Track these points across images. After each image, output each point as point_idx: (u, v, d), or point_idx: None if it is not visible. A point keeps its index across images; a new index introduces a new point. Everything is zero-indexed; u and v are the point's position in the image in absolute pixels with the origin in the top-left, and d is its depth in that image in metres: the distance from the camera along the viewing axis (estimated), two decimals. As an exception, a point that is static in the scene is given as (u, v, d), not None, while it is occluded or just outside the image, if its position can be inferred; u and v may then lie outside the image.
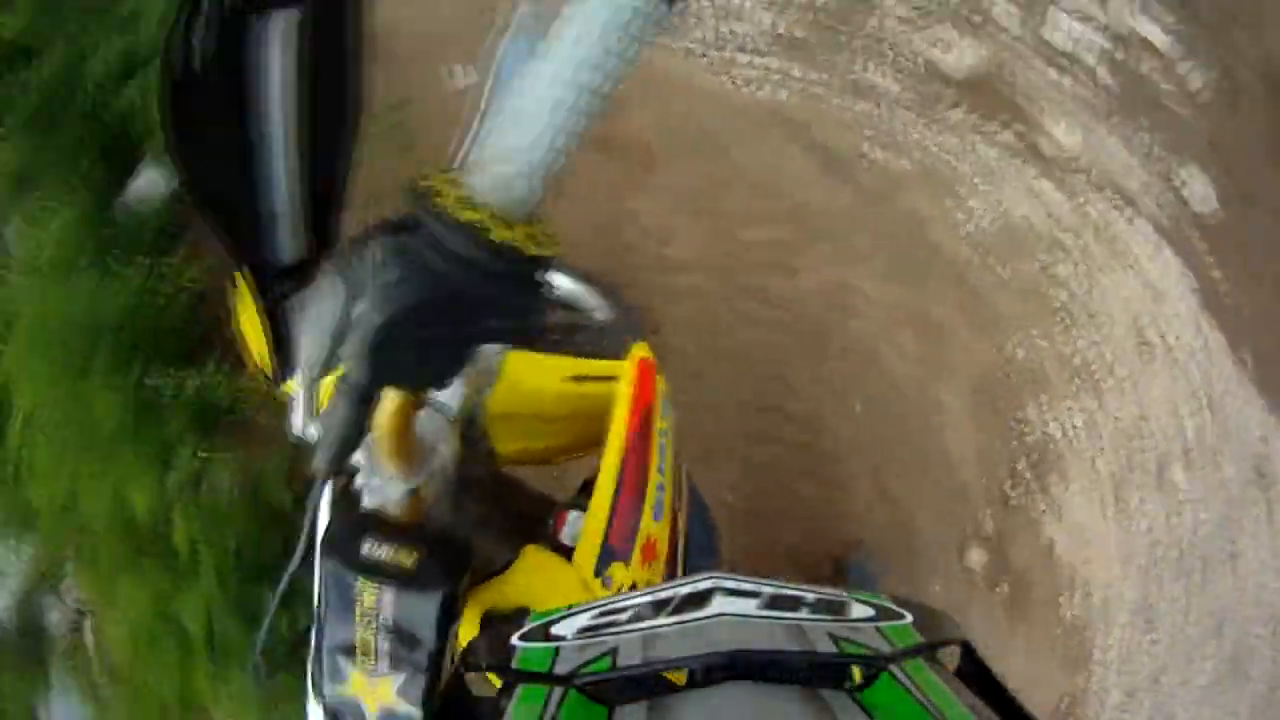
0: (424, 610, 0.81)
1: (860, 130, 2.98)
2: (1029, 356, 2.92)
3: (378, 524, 0.86)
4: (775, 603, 0.68)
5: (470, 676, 0.69)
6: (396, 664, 0.82)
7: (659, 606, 0.69)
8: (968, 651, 0.65)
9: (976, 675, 0.63)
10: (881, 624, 0.65)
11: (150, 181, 3.22)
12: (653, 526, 1.22)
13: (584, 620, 0.70)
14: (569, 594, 1.02)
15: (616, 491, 1.11)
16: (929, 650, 0.62)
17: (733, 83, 2.96)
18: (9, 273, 3.02)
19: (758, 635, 0.62)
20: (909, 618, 0.67)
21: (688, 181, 2.96)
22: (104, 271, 2.93)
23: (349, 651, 0.82)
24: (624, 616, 0.69)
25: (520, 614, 0.79)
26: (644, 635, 0.65)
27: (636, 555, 1.20)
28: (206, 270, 3.09)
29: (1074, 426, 2.95)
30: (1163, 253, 3.12)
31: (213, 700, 2.64)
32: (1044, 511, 2.95)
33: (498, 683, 0.64)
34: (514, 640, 0.68)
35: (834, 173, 2.99)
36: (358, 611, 0.80)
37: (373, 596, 0.80)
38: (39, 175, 3.10)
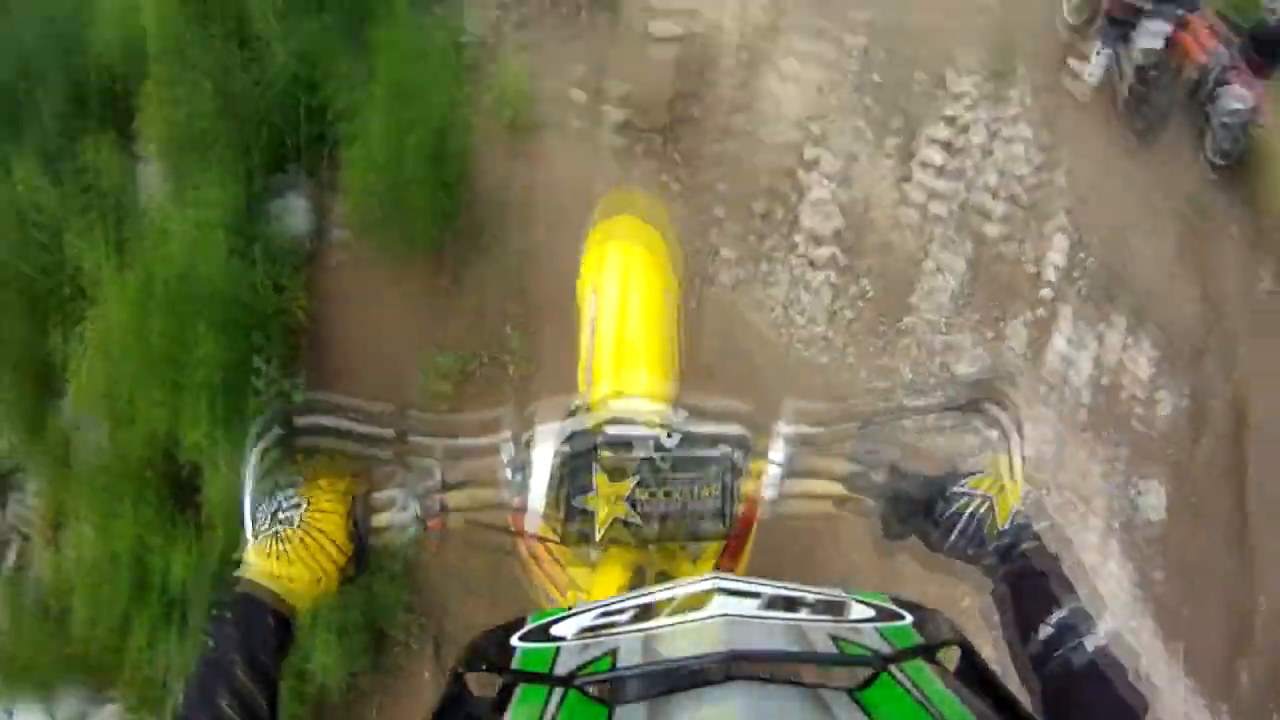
0: None
1: (874, 399, 3.69)
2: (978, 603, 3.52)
3: None
4: (775, 603, 0.71)
5: (471, 676, 0.70)
6: None
7: (659, 607, 0.72)
8: (966, 652, 0.68)
9: (975, 675, 0.66)
10: (881, 625, 0.68)
11: (290, 205, 3.80)
12: None
13: (584, 621, 0.73)
14: None
15: None
16: (928, 651, 0.64)
17: (788, 337, 3.75)
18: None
19: (757, 635, 0.64)
20: (908, 618, 0.70)
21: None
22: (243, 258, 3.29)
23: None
24: (624, 617, 0.72)
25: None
26: (644, 635, 0.67)
27: None
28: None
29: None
30: (1108, 545, 3.77)
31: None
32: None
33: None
34: (514, 640, 0.70)
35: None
36: None
37: None
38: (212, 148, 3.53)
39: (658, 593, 0.76)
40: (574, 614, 0.75)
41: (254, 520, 1.00)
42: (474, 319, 3.54)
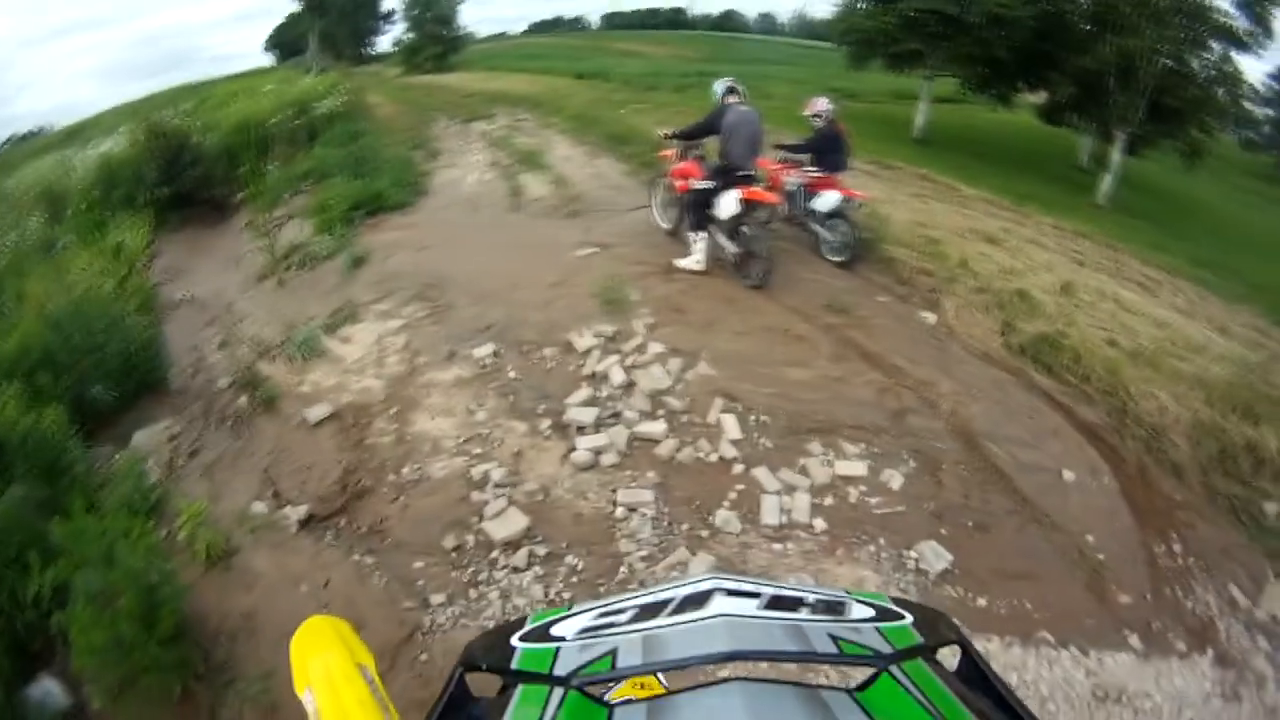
0: None
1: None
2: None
3: None
4: (775, 603, 0.71)
5: (471, 676, 0.70)
6: None
7: (659, 607, 0.72)
8: (966, 652, 0.68)
9: (975, 675, 0.66)
10: (881, 624, 0.69)
11: (47, 692, 3.83)
12: None
13: (585, 621, 0.74)
14: None
15: None
16: (928, 651, 0.66)
17: None
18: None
19: (757, 636, 0.65)
20: (908, 618, 0.71)
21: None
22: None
23: None
24: (624, 617, 0.72)
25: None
26: (644, 636, 0.68)
27: None
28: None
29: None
30: None
31: None
32: None
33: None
34: (514, 640, 0.72)
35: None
36: None
37: None
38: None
39: (658, 593, 0.76)
40: (574, 614, 0.76)
41: None
42: (242, 750, 3.59)
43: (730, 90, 7.05)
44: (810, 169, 7.96)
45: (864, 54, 19.50)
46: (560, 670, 0.65)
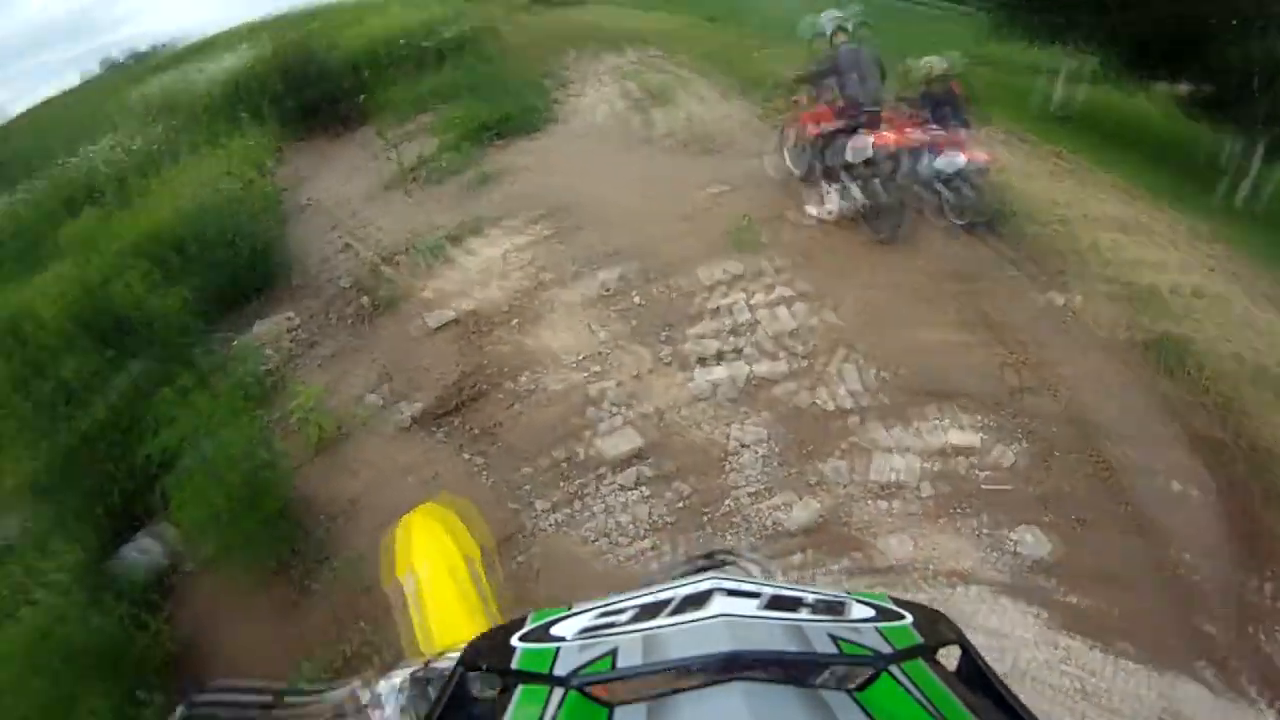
0: None
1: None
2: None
3: None
4: (775, 603, 0.72)
5: (471, 676, 0.71)
6: None
7: (659, 607, 0.73)
8: (966, 652, 0.68)
9: (975, 675, 0.66)
10: (881, 624, 0.70)
11: (145, 547, 4.11)
12: None
13: (585, 621, 0.74)
14: None
15: None
16: (928, 651, 0.66)
17: (615, 559, 3.96)
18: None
19: (758, 636, 0.66)
20: (908, 618, 0.72)
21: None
22: (93, 604, 3.60)
23: None
24: (624, 617, 0.73)
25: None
26: (644, 636, 0.68)
27: None
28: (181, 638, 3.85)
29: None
30: (999, 602, 3.94)
31: None
32: None
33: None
34: (514, 641, 0.72)
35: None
36: None
37: None
38: (57, 504, 3.92)
39: (658, 593, 0.77)
40: (574, 614, 0.77)
41: None
42: (329, 622, 3.77)
43: (839, 29, 6.81)
44: (933, 127, 7.66)
45: (1007, 21, 18.65)
46: (560, 670, 0.65)
